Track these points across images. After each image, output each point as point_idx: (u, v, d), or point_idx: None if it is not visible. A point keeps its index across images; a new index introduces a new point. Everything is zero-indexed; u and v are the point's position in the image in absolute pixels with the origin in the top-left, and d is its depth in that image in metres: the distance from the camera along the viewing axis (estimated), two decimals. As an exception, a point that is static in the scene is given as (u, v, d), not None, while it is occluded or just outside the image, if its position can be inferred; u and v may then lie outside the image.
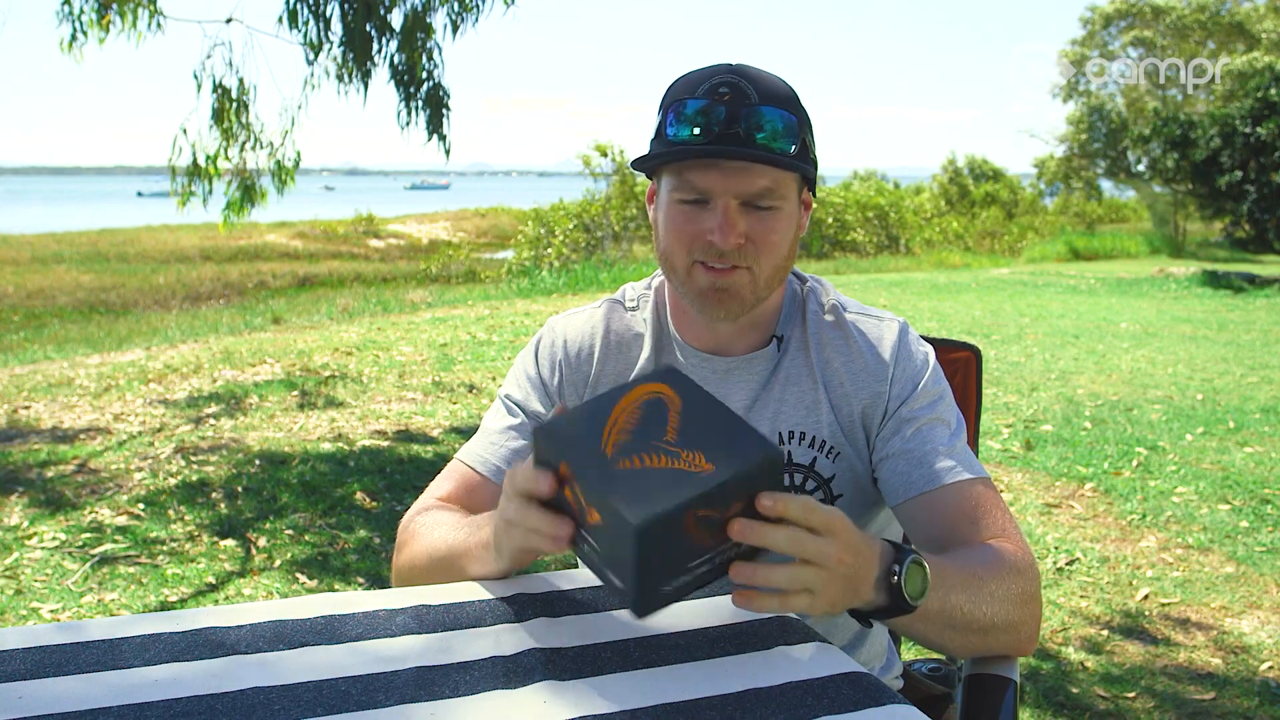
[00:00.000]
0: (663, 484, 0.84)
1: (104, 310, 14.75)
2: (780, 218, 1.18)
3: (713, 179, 1.15)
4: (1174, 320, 9.49)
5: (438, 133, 5.69)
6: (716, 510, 0.85)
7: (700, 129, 1.13)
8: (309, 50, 5.49)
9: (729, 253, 1.16)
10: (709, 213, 1.16)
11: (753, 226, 1.16)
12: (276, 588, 3.22)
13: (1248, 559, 3.47)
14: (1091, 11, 26.02)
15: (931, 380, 1.25)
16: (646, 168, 1.22)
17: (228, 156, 5.86)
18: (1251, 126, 13.79)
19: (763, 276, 1.19)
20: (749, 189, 1.15)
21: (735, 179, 1.14)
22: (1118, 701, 2.56)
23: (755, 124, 1.12)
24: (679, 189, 1.18)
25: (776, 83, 1.17)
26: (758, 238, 1.17)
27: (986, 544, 1.13)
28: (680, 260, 1.20)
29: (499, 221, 31.11)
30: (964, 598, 1.04)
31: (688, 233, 1.18)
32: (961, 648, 1.09)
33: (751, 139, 1.12)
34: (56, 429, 5.11)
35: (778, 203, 1.17)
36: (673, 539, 0.84)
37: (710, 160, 1.14)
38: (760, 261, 1.18)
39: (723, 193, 1.15)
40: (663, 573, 0.86)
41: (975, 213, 25.49)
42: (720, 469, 0.85)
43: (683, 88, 1.17)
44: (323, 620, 0.98)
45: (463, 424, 5.20)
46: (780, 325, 1.29)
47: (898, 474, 1.21)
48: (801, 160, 1.16)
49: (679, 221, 1.18)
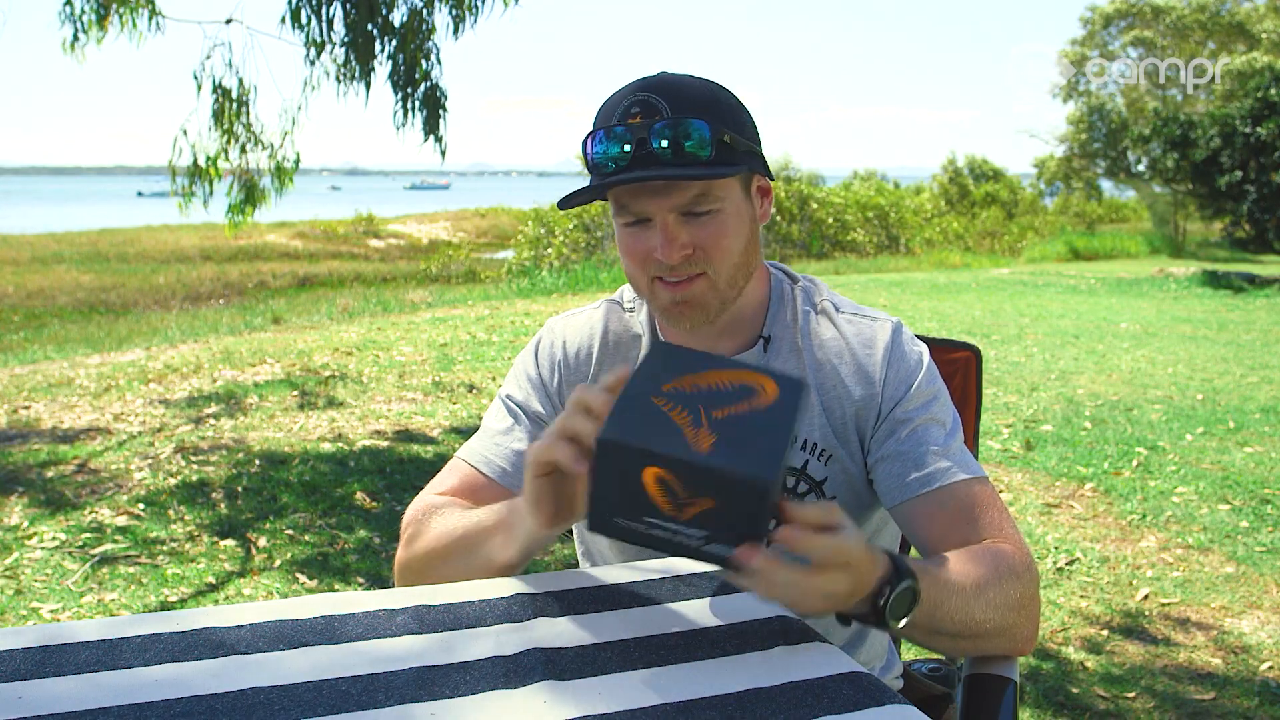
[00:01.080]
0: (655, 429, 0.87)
1: (104, 310, 14.76)
2: (723, 218, 1.17)
3: (643, 200, 1.15)
4: (1174, 320, 9.49)
5: (434, 133, 5.69)
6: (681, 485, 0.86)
7: (617, 155, 1.13)
8: (312, 50, 5.49)
9: (680, 265, 1.16)
10: (652, 230, 1.17)
11: (696, 234, 1.16)
12: (276, 588, 3.22)
13: (1248, 559, 3.47)
14: (1091, 11, 26.03)
15: (925, 380, 1.24)
16: (586, 201, 1.20)
17: (228, 157, 5.86)
18: (1251, 126, 13.79)
19: (722, 278, 1.19)
20: (680, 200, 1.15)
21: (663, 196, 1.15)
22: (1118, 701, 2.56)
23: (670, 138, 1.12)
24: (619, 213, 1.19)
25: (691, 89, 1.16)
26: (705, 243, 1.17)
27: (984, 548, 1.12)
28: (640, 280, 1.21)
29: (499, 221, 31.12)
30: (957, 605, 1.04)
31: (638, 253, 1.19)
32: (951, 650, 1.09)
33: (668, 153, 1.12)
34: (56, 429, 5.11)
35: (715, 205, 1.16)
36: (629, 478, 0.87)
37: (635, 182, 1.14)
38: (714, 265, 1.18)
39: (657, 210, 1.15)
40: (617, 503, 0.88)
41: (975, 213, 25.50)
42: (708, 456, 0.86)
43: (600, 114, 1.18)
44: (323, 620, 0.98)
45: (463, 424, 5.20)
46: (766, 325, 1.28)
47: (893, 476, 1.20)
48: (728, 155, 1.14)
49: (629, 244, 1.20)
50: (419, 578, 1.18)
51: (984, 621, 1.06)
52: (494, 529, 1.11)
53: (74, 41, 5.46)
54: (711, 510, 0.86)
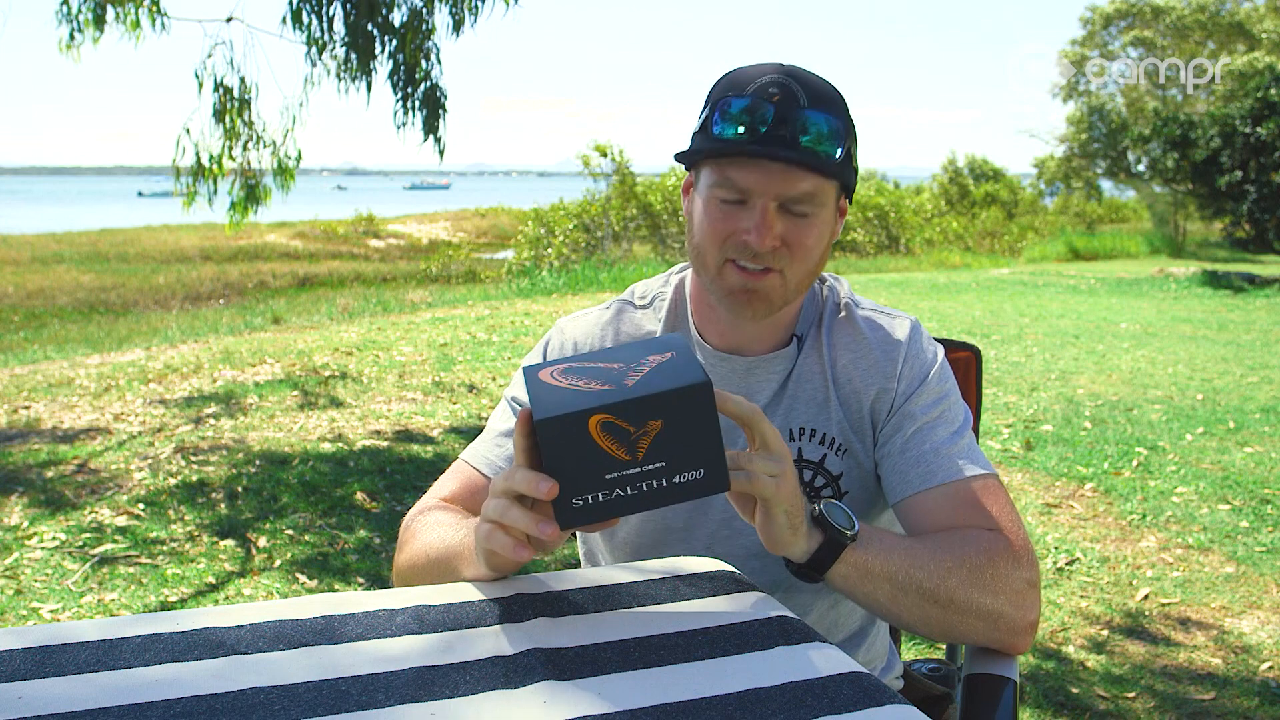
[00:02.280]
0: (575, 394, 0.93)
1: (104, 310, 14.75)
2: (816, 224, 1.17)
3: (754, 178, 1.14)
4: (1174, 320, 9.48)
5: (434, 133, 5.70)
6: (628, 421, 0.91)
7: (747, 128, 1.12)
8: (313, 50, 5.49)
9: (762, 254, 1.15)
10: (746, 212, 1.15)
11: (788, 230, 1.16)
12: (276, 588, 3.22)
13: (1248, 559, 3.47)
14: (1091, 11, 26.02)
15: (937, 378, 1.25)
16: (690, 162, 1.21)
17: (231, 156, 5.87)
18: (1251, 126, 13.78)
19: (793, 281, 1.19)
20: (789, 192, 1.14)
21: (777, 181, 1.14)
22: (1118, 701, 2.56)
23: (802, 127, 1.12)
24: (719, 185, 1.17)
25: (826, 87, 1.16)
26: (793, 241, 1.16)
27: (966, 528, 1.13)
28: (712, 257, 1.19)
29: (499, 221, 31.10)
30: (909, 561, 1.07)
31: (723, 230, 1.17)
32: (928, 623, 1.08)
33: (797, 142, 1.11)
34: (56, 429, 5.11)
35: (816, 209, 1.16)
36: (577, 440, 0.91)
37: (754, 160, 1.13)
38: (793, 266, 1.18)
39: (763, 193, 1.14)
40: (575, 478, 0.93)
41: (975, 213, 25.48)
42: (641, 384, 0.92)
43: (732, 85, 1.16)
44: (323, 620, 0.98)
45: (463, 424, 5.20)
46: (800, 325, 1.29)
47: (896, 471, 1.20)
48: (845, 167, 1.16)
49: (715, 218, 1.17)
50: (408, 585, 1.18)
51: (953, 590, 1.07)
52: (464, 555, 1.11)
53: (70, 41, 5.46)
54: (663, 432, 0.92)
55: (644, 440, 0.92)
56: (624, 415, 0.91)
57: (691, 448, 0.93)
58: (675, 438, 0.92)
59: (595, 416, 0.91)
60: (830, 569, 1.06)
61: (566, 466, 0.92)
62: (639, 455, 0.92)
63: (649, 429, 0.91)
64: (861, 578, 1.06)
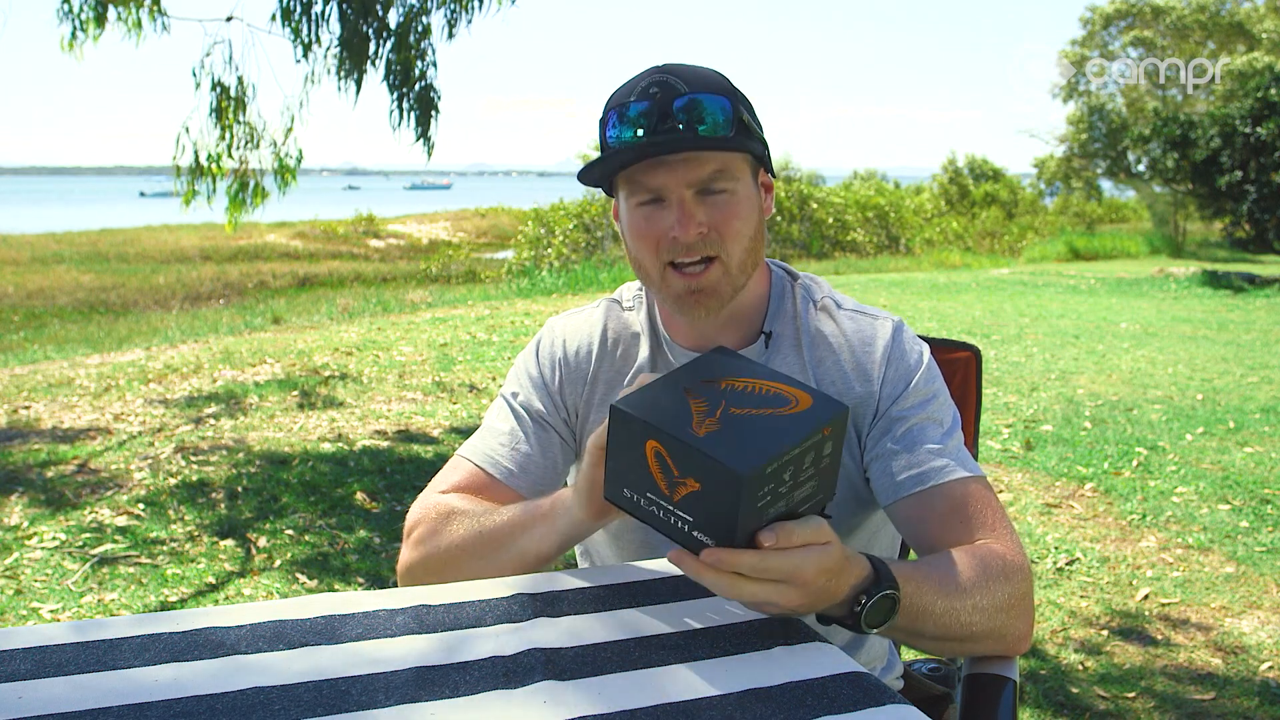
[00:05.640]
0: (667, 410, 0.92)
1: (104, 310, 14.76)
2: (737, 200, 1.18)
3: (661, 175, 1.16)
4: (1174, 320, 9.48)
5: (424, 134, 5.70)
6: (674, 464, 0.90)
7: (637, 131, 1.14)
8: (300, 48, 5.49)
9: (694, 244, 1.16)
10: (667, 210, 1.17)
11: (711, 213, 1.17)
12: (276, 588, 3.22)
13: (1248, 559, 3.47)
14: (1091, 11, 26.02)
15: (924, 379, 1.24)
16: (596, 178, 1.21)
17: (231, 155, 5.86)
18: (1251, 126, 13.77)
19: (734, 263, 1.19)
20: (699, 175, 1.16)
21: (682, 170, 1.15)
22: (1118, 701, 2.56)
23: (688, 112, 1.13)
24: (633, 193, 1.19)
25: (705, 73, 1.18)
26: (719, 223, 1.17)
27: (974, 549, 1.11)
28: (651, 266, 1.21)
29: (499, 221, 31.10)
30: (941, 611, 1.04)
31: (651, 234, 1.18)
32: (938, 650, 1.09)
33: (690, 129, 1.13)
34: (56, 429, 5.11)
35: (730, 184, 1.17)
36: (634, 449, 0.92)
37: (654, 158, 1.15)
38: (727, 247, 1.18)
39: (675, 186, 1.16)
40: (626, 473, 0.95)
41: (975, 213, 25.48)
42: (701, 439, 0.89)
43: (615, 96, 1.19)
44: (323, 620, 0.98)
45: (463, 424, 5.20)
46: (768, 321, 1.28)
47: (888, 474, 1.20)
48: (744, 138, 1.16)
49: (640, 225, 1.19)
50: (436, 576, 1.16)
51: (969, 624, 1.06)
52: (532, 521, 1.13)
53: (71, 39, 5.46)
54: (698, 494, 0.89)
55: (681, 489, 0.90)
56: (672, 456, 0.89)
57: (715, 519, 0.89)
58: (705, 501, 0.89)
59: (652, 442, 0.90)
60: None
61: (623, 460, 0.94)
62: (675, 497, 0.90)
63: (688, 483, 0.89)
64: (887, 631, 1.03)
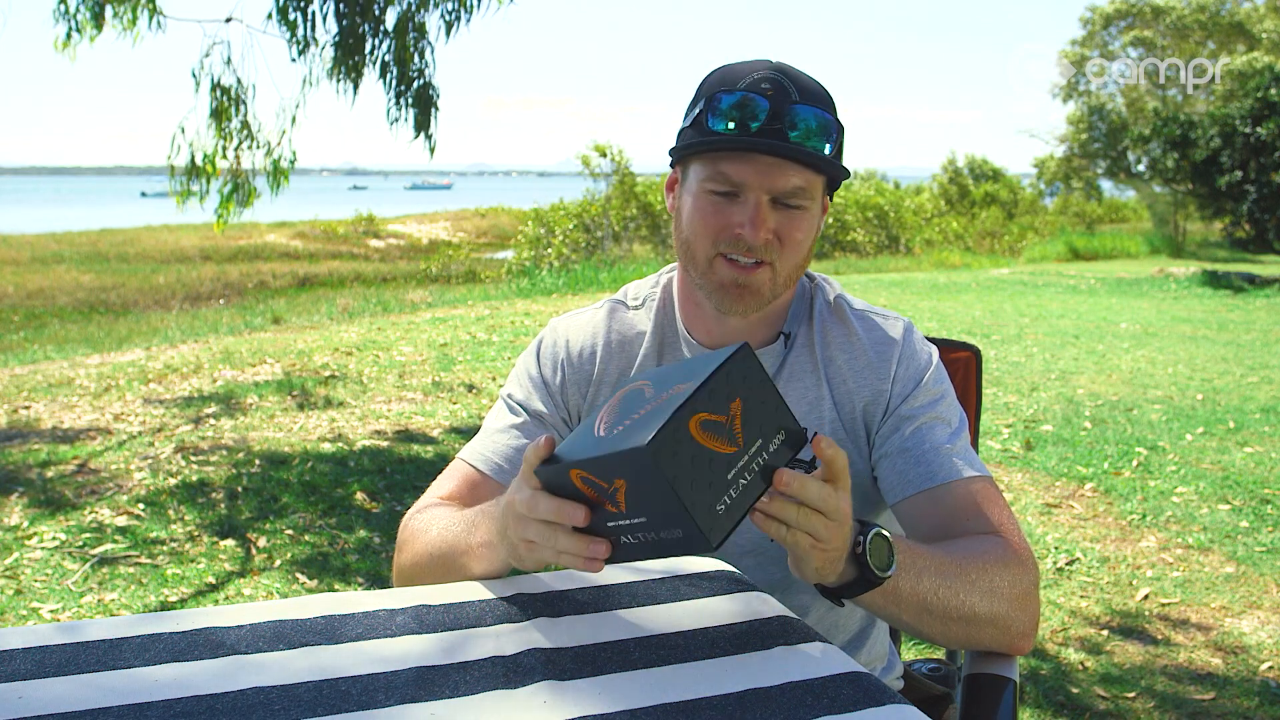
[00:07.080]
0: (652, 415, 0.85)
1: (104, 310, 14.75)
2: (806, 217, 1.19)
3: (748, 172, 1.15)
4: (1174, 320, 9.48)
5: (424, 131, 5.69)
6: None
7: (739, 122, 1.13)
8: (296, 48, 5.48)
9: (755, 247, 1.16)
10: (739, 206, 1.16)
11: (780, 223, 1.17)
12: (276, 588, 3.22)
13: (1248, 559, 3.47)
14: (1091, 11, 26.02)
15: (933, 379, 1.25)
16: (682, 156, 1.21)
17: (225, 155, 5.86)
18: (1251, 126, 13.77)
19: (783, 274, 1.20)
20: (782, 186, 1.15)
21: (770, 174, 1.15)
22: (1118, 701, 2.56)
23: (794, 122, 1.13)
24: (711, 179, 1.17)
25: (816, 85, 1.18)
26: (784, 235, 1.17)
27: (978, 536, 1.13)
28: (703, 251, 1.20)
29: (499, 221, 31.09)
30: (939, 583, 1.04)
31: (715, 224, 1.18)
32: (944, 636, 1.09)
33: (790, 136, 1.13)
34: (56, 429, 5.11)
35: (806, 202, 1.18)
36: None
37: (747, 154, 1.14)
38: (783, 259, 1.18)
39: (756, 187, 1.15)
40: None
41: (975, 213, 25.48)
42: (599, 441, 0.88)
43: (723, 80, 1.17)
44: (323, 620, 0.98)
45: (463, 424, 5.20)
46: (789, 322, 1.29)
47: (895, 472, 1.20)
48: (834, 163, 1.17)
49: (707, 212, 1.18)
50: (410, 584, 1.18)
51: (973, 605, 1.06)
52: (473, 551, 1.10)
53: (66, 39, 5.46)
54: (633, 490, 0.86)
55: (619, 494, 0.87)
56: (592, 470, 0.88)
57: (660, 506, 0.84)
58: (642, 493, 0.85)
59: (573, 470, 0.89)
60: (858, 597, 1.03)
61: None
62: (622, 506, 0.87)
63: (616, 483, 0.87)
64: (888, 602, 1.03)
